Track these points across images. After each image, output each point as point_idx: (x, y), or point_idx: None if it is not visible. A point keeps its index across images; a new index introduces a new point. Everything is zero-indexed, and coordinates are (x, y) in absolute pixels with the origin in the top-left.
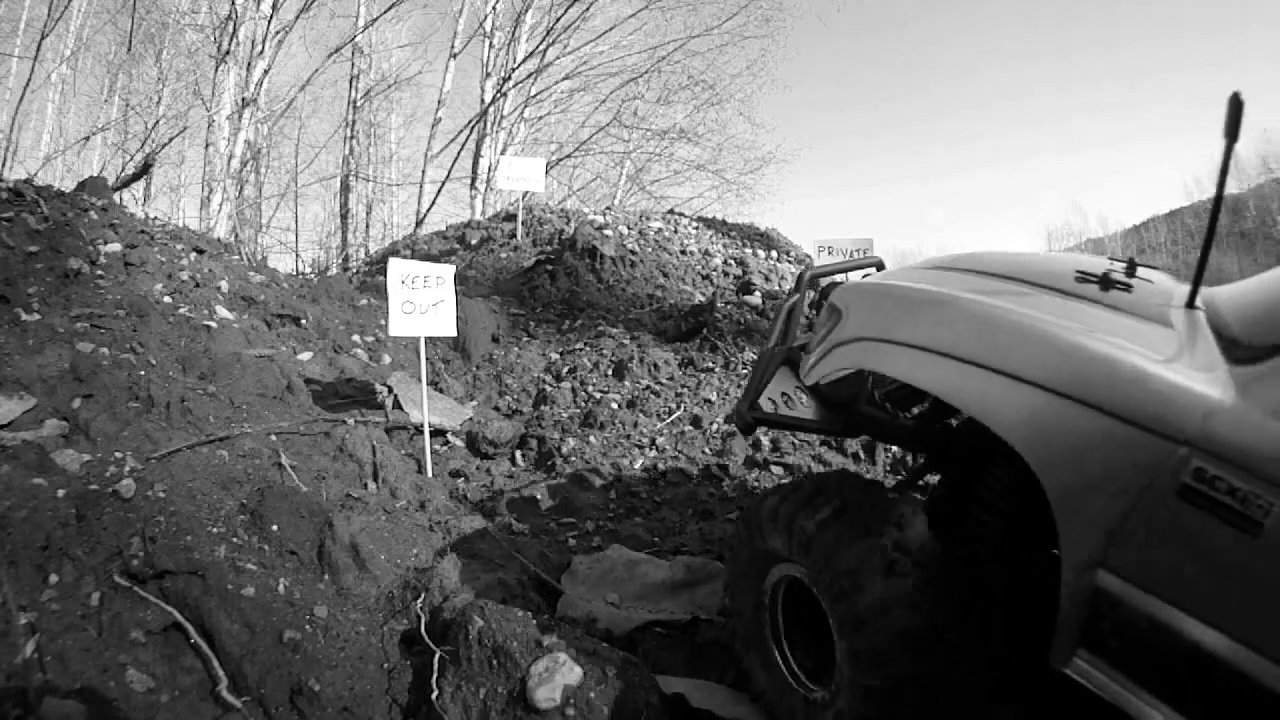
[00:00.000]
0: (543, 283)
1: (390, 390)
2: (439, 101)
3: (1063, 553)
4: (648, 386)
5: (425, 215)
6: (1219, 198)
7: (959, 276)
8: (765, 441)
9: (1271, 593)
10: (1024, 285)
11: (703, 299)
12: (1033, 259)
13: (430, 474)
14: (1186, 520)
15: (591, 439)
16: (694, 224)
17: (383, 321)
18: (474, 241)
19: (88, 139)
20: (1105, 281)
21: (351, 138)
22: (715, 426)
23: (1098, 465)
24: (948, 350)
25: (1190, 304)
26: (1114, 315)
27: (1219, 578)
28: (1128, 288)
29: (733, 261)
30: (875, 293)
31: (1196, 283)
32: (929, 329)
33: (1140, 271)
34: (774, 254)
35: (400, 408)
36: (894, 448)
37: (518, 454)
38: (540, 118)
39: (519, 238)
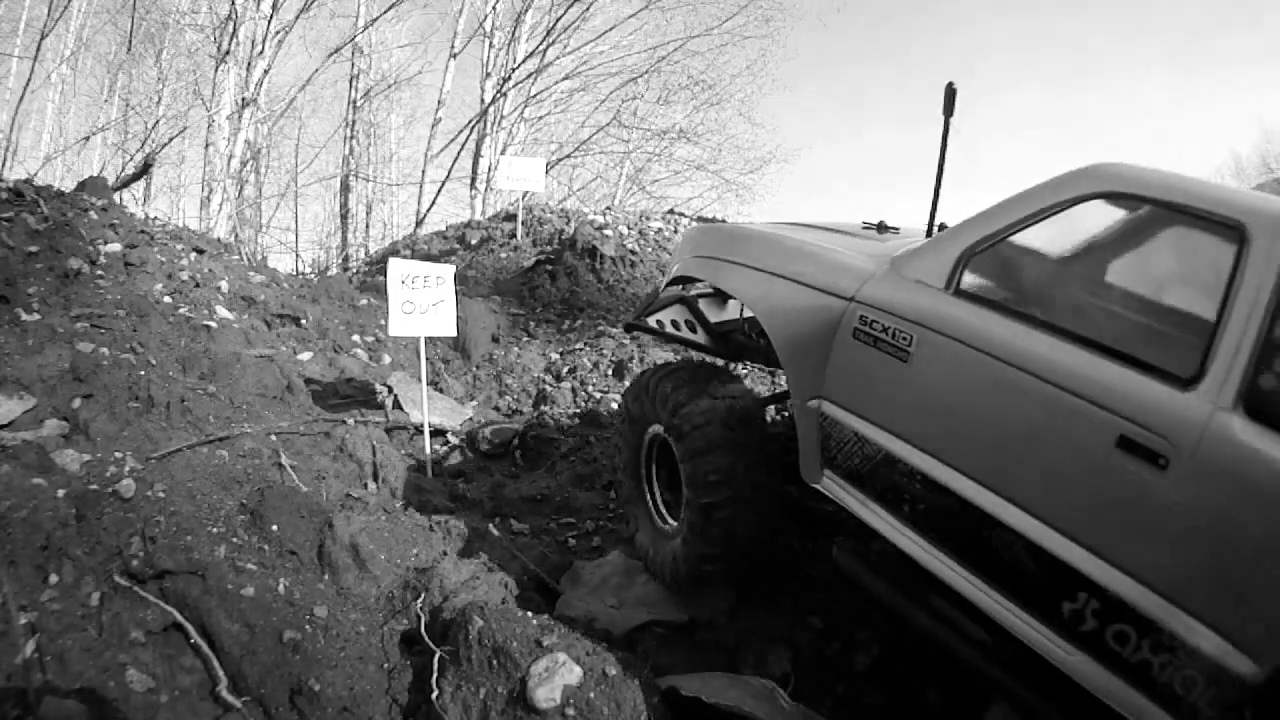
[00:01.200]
0: (543, 283)
1: (390, 390)
2: (439, 101)
3: (791, 390)
4: None
5: (425, 215)
6: (942, 160)
7: (788, 226)
8: None
9: (923, 401)
10: (822, 230)
11: None
12: (849, 223)
13: (430, 474)
14: (862, 354)
15: (591, 439)
16: (694, 224)
17: (383, 321)
18: (474, 241)
19: (88, 139)
20: (881, 227)
21: (351, 138)
22: None
23: (806, 322)
24: (726, 258)
25: (929, 234)
26: (864, 242)
27: (888, 393)
28: (896, 230)
29: None
30: (702, 229)
31: (930, 221)
32: (717, 247)
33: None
34: None
35: (400, 408)
36: None
37: (518, 454)
38: (540, 118)
39: (519, 238)
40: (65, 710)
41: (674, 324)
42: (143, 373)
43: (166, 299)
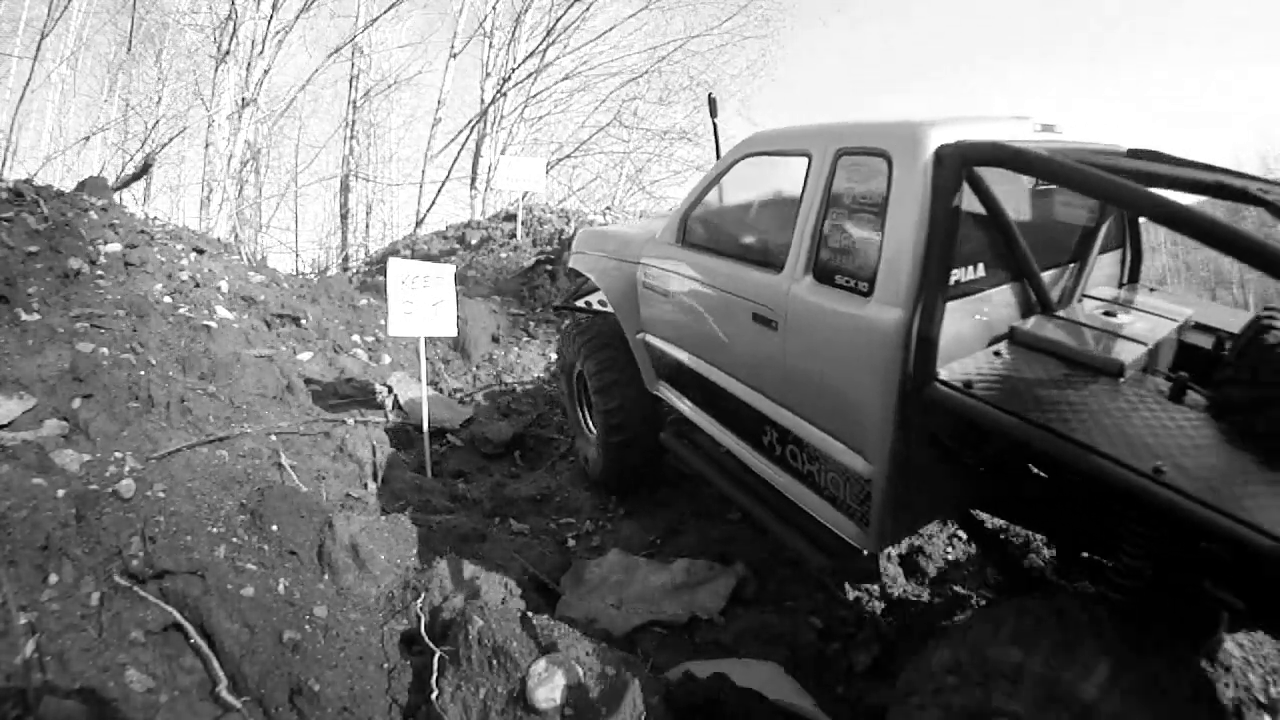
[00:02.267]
0: (543, 283)
1: (390, 390)
2: (439, 101)
3: (625, 332)
4: None
5: (425, 215)
6: (718, 153)
7: (637, 221)
8: None
9: (678, 319)
10: (656, 218)
11: None
12: None
13: (430, 474)
14: (649, 297)
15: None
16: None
17: (383, 321)
18: (474, 241)
19: (88, 139)
20: None
21: (351, 138)
22: None
23: (621, 284)
24: (586, 251)
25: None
26: (664, 221)
27: (664, 319)
28: None
29: None
30: (580, 233)
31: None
32: (583, 244)
33: None
34: None
35: (400, 408)
36: None
37: (517, 454)
38: (540, 118)
39: (519, 238)
40: (65, 710)
41: (600, 303)
42: (143, 373)
43: (166, 299)
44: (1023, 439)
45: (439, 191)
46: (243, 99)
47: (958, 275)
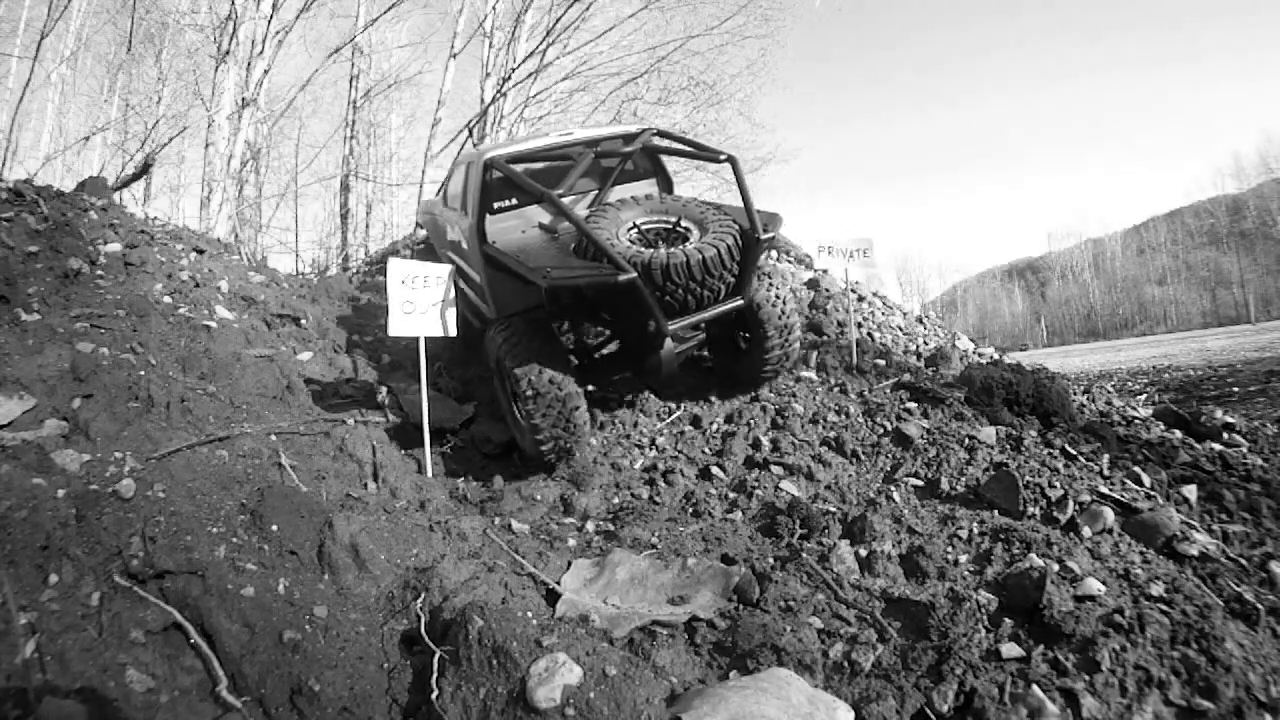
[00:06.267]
0: None
1: (390, 390)
2: (439, 101)
3: (436, 249)
4: (647, 385)
5: None
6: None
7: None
8: (765, 441)
9: (446, 237)
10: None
11: None
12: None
13: (430, 474)
14: (441, 226)
15: (592, 439)
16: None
17: (383, 321)
18: None
19: (88, 139)
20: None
21: (351, 138)
22: (715, 426)
23: (434, 227)
24: (424, 212)
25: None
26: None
27: (443, 237)
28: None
29: None
30: (421, 202)
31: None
32: (422, 208)
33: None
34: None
35: (400, 408)
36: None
37: (517, 454)
38: (540, 118)
39: None
40: (65, 710)
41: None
42: (143, 373)
43: (166, 299)
44: (504, 262)
45: (438, 191)
46: (243, 99)
47: (501, 204)
